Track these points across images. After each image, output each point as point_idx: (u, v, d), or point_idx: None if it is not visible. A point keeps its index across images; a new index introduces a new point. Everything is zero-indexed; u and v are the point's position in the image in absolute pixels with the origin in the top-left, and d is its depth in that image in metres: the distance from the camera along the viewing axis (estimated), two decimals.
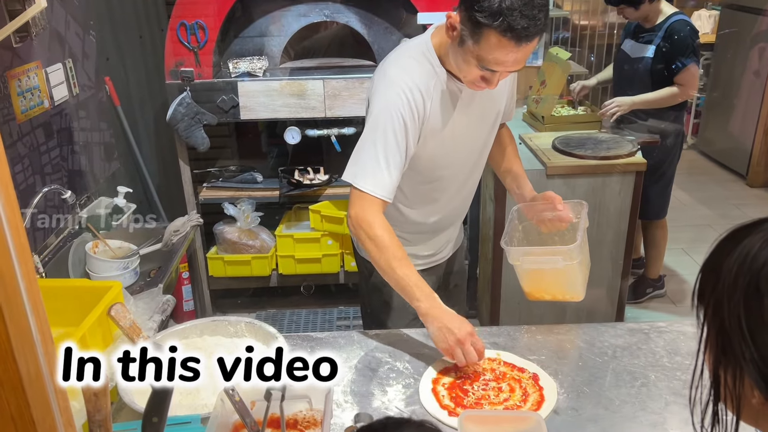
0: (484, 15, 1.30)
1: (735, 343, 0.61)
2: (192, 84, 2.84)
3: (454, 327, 1.41)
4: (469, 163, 1.69)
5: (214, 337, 1.48)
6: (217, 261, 3.17)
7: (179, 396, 1.32)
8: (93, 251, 2.16)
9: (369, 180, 1.47)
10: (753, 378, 0.60)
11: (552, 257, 1.57)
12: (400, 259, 1.47)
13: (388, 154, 1.46)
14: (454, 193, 1.72)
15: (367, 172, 1.48)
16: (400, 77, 1.48)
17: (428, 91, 1.49)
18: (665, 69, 2.98)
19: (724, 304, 0.63)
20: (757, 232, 0.63)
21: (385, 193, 1.48)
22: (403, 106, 1.46)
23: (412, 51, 1.54)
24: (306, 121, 2.98)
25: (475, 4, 1.31)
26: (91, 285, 1.56)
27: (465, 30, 1.36)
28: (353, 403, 1.40)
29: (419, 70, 1.49)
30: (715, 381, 0.66)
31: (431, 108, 1.51)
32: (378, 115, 1.48)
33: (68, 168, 2.36)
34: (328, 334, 1.65)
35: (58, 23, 2.34)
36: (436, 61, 1.51)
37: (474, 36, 1.35)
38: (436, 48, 1.51)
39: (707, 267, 0.67)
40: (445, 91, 1.52)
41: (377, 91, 1.51)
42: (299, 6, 3.01)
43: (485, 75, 1.42)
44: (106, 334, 1.40)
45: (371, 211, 1.48)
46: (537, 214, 1.68)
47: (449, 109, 1.54)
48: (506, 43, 1.32)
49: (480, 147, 1.68)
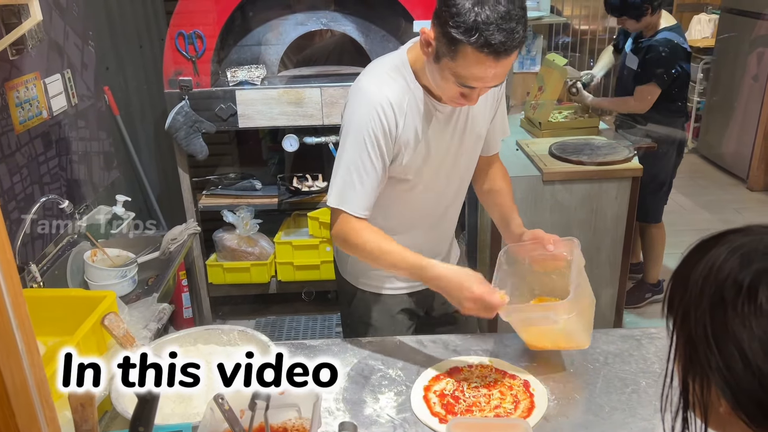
0: (459, 31, 1.25)
1: (701, 352, 0.62)
2: (190, 93, 2.86)
3: (464, 288, 1.39)
4: (452, 186, 1.65)
5: (207, 345, 1.49)
6: (216, 268, 3.18)
7: (172, 404, 1.34)
8: (91, 260, 2.18)
9: (343, 199, 1.48)
10: (719, 386, 0.61)
11: (545, 313, 1.45)
12: (388, 248, 1.47)
13: (362, 173, 1.46)
14: (437, 217, 1.69)
15: (342, 192, 1.48)
16: (372, 93, 1.45)
17: (401, 107, 1.45)
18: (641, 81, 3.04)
19: (691, 314, 0.64)
20: (722, 243, 0.64)
21: (365, 212, 1.49)
22: (374, 123, 1.44)
23: (386, 66, 1.50)
24: (304, 129, 3.00)
25: (449, 19, 1.26)
26: (85, 294, 1.58)
27: (441, 46, 1.31)
28: (345, 411, 1.41)
29: (392, 85, 1.46)
30: (683, 389, 0.67)
31: (404, 124, 1.47)
32: (350, 132, 1.46)
33: (67, 177, 2.39)
34: (322, 342, 1.66)
35: (57, 34, 2.36)
36: (410, 76, 1.47)
37: (450, 52, 1.30)
38: (412, 63, 1.47)
39: (675, 278, 0.69)
40: (419, 107, 1.48)
41: (350, 107, 1.49)
42: (297, 15, 3.04)
43: (464, 92, 1.37)
44: (100, 344, 1.41)
45: (351, 223, 1.49)
46: (528, 254, 1.59)
47: (424, 126, 1.50)
48: (484, 58, 1.27)
49: (461, 169, 1.64)
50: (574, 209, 2.74)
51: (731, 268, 0.62)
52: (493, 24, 1.24)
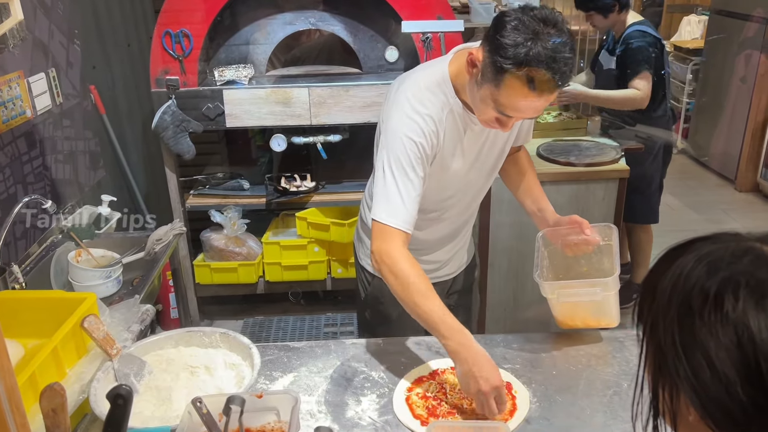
0: (508, 62, 1.26)
1: (670, 361, 0.62)
2: (177, 92, 2.84)
3: (481, 377, 1.31)
4: (476, 186, 1.68)
5: (189, 348, 1.48)
6: (203, 268, 3.17)
7: (152, 406, 1.33)
8: (76, 260, 2.16)
9: (387, 212, 1.44)
10: (687, 395, 0.61)
11: (590, 289, 1.52)
12: (424, 294, 1.39)
13: (406, 185, 1.44)
14: (458, 213, 1.71)
15: (386, 204, 1.45)
16: (413, 106, 1.46)
17: (441, 121, 1.47)
18: (624, 79, 3.01)
19: (659, 323, 0.64)
20: (690, 252, 0.64)
21: (410, 226, 1.45)
22: (419, 137, 1.44)
23: (428, 80, 1.50)
24: (292, 129, 2.99)
25: (500, 49, 1.27)
26: (65, 296, 1.57)
27: (487, 71, 1.32)
28: (327, 413, 1.40)
29: (434, 100, 1.47)
30: (654, 397, 0.67)
31: (444, 138, 1.49)
32: (392, 144, 1.45)
33: (51, 177, 2.37)
34: (306, 344, 1.66)
35: (41, 33, 2.34)
36: (450, 91, 1.48)
37: (495, 80, 1.30)
38: (453, 77, 1.48)
39: (645, 286, 0.69)
40: (457, 121, 1.49)
41: (392, 118, 1.48)
42: (285, 14, 3.02)
43: (501, 118, 1.38)
44: (80, 346, 1.40)
45: (394, 244, 1.43)
46: (562, 238, 1.62)
47: (460, 137, 1.52)
48: (528, 93, 1.29)
49: (488, 171, 1.66)
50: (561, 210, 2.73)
51: (698, 277, 0.62)
52: (544, 62, 1.25)
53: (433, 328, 1.38)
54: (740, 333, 0.57)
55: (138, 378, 1.37)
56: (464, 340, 1.35)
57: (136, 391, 1.35)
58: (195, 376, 1.41)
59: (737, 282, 0.59)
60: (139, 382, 1.37)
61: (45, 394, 0.87)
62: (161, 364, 1.43)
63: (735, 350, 0.57)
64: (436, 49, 2.83)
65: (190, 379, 1.40)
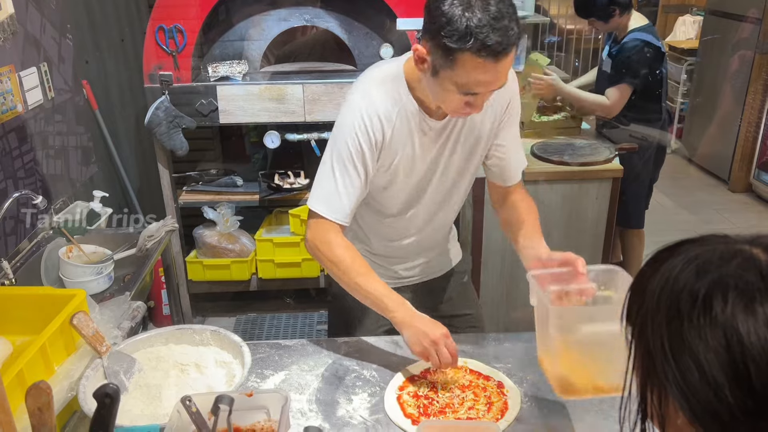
0: (453, 39, 1.22)
1: (658, 364, 0.62)
2: (171, 88, 2.83)
3: (428, 330, 1.40)
4: (440, 194, 1.62)
5: (179, 345, 1.47)
6: (196, 265, 3.16)
7: (141, 405, 1.32)
8: (67, 256, 2.15)
9: (324, 203, 1.47)
10: (676, 398, 0.61)
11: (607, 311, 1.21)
12: (364, 275, 1.46)
13: (345, 179, 1.45)
14: (424, 222, 1.66)
15: (323, 196, 1.47)
16: (360, 102, 1.45)
17: (389, 118, 1.44)
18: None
19: (648, 326, 0.64)
20: (678, 254, 0.64)
21: (341, 216, 1.47)
22: (360, 131, 1.43)
23: (379, 75, 1.49)
24: (286, 126, 2.98)
25: (441, 30, 1.24)
26: (54, 293, 1.55)
27: (436, 59, 1.28)
28: (318, 412, 1.40)
29: (384, 96, 1.45)
30: (642, 400, 0.67)
31: (391, 135, 1.46)
32: (336, 138, 1.46)
33: (42, 172, 2.35)
34: (297, 342, 1.65)
35: (33, 27, 2.33)
36: (404, 88, 1.45)
37: (448, 63, 1.27)
38: (407, 75, 1.45)
39: (633, 289, 0.68)
40: (410, 120, 1.47)
41: (340, 114, 1.48)
42: (279, 10, 3.01)
43: (468, 100, 1.33)
44: (69, 343, 1.39)
45: (330, 234, 1.47)
46: (551, 282, 1.36)
47: (412, 138, 1.49)
48: (482, 62, 1.24)
49: (452, 179, 1.60)
50: (554, 209, 2.75)
51: (687, 279, 0.61)
52: (486, 26, 1.21)
53: (378, 304, 1.45)
54: (729, 336, 0.57)
55: (127, 375, 1.36)
56: (410, 310, 1.44)
57: (126, 388, 1.34)
58: (185, 374, 1.40)
59: (726, 284, 0.59)
60: (128, 379, 1.36)
61: (31, 392, 0.86)
62: (151, 361, 1.42)
63: (724, 353, 0.57)
64: None
65: (180, 377, 1.40)
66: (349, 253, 1.47)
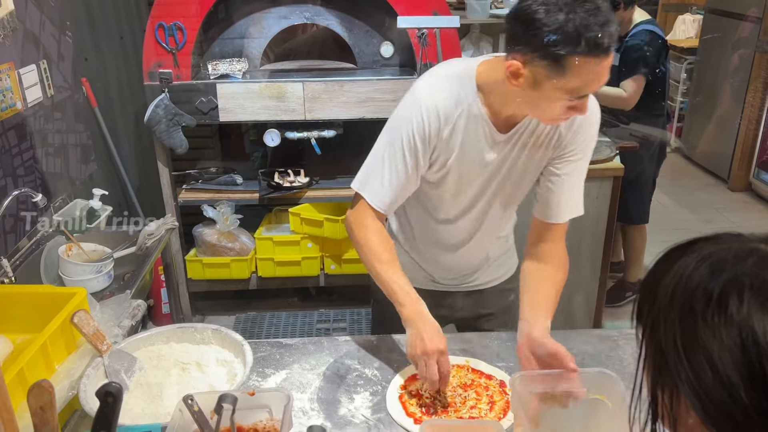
0: (562, 46, 1.19)
1: (671, 363, 0.61)
2: (170, 86, 2.82)
3: (427, 337, 1.34)
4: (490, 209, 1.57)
5: (180, 344, 1.46)
6: (195, 263, 3.15)
7: (142, 404, 1.31)
8: (66, 254, 2.14)
9: (367, 188, 1.46)
10: (689, 398, 0.60)
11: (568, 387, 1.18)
12: (386, 263, 1.44)
13: (393, 168, 1.43)
14: (464, 237, 1.62)
15: (369, 180, 1.46)
16: (423, 94, 1.41)
17: (449, 116, 1.40)
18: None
19: (660, 324, 0.63)
20: (691, 252, 0.63)
21: (382, 205, 1.45)
22: (416, 124, 1.40)
23: (450, 72, 1.44)
24: (286, 124, 2.97)
25: (545, 39, 1.19)
26: (55, 291, 1.55)
27: (539, 70, 1.23)
28: (319, 411, 1.39)
29: (446, 93, 1.40)
30: (652, 400, 0.66)
31: (449, 134, 1.42)
32: (393, 126, 1.44)
33: (42, 170, 2.34)
34: (298, 341, 1.64)
35: (33, 24, 2.32)
36: (472, 91, 1.40)
37: (556, 71, 1.22)
38: (481, 79, 1.40)
39: (644, 286, 0.68)
40: (472, 123, 1.41)
41: (402, 102, 1.45)
42: (280, 8, 3.00)
43: (575, 104, 1.28)
44: (69, 342, 1.38)
45: (367, 217, 1.46)
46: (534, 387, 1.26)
47: (473, 144, 1.44)
48: (594, 61, 1.21)
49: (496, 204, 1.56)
50: None
51: (701, 278, 0.61)
52: (593, 24, 1.18)
53: (391, 295, 1.41)
54: (744, 335, 0.56)
55: (129, 374, 1.36)
56: (419, 308, 1.39)
57: (127, 387, 1.33)
58: (186, 373, 1.39)
59: (741, 283, 0.58)
60: (129, 378, 1.35)
61: (33, 391, 0.86)
62: (152, 360, 1.42)
63: (738, 353, 0.56)
64: (432, 45, 2.82)
65: (181, 376, 1.39)
66: (379, 239, 1.46)
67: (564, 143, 1.46)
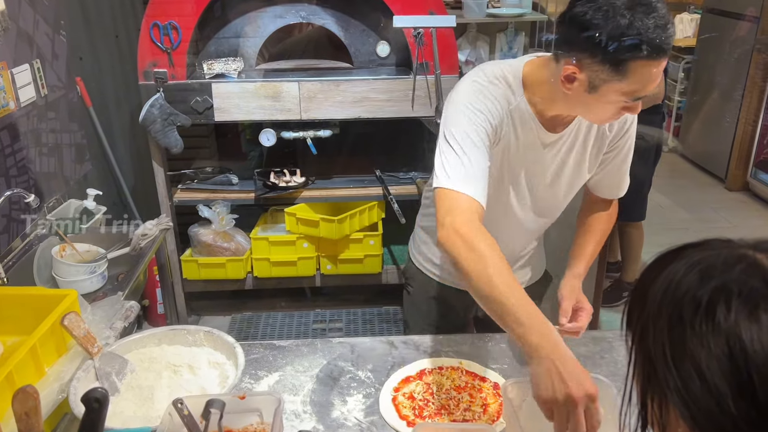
0: (624, 50, 1.17)
1: (660, 372, 0.60)
2: (165, 85, 2.81)
3: (571, 379, 1.03)
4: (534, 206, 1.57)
5: (172, 346, 1.45)
6: (191, 263, 3.14)
7: (133, 406, 1.31)
8: (60, 255, 2.13)
9: (458, 179, 1.28)
10: (677, 407, 0.60)
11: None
12: (502, 272, 1.16)
13: (476, 154, 1.31)
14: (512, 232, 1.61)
15: (453, 172, 1.30)
16: (486, 82, 1.38)
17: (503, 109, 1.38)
18: None
19: (649, 332, 0.62)
20: (681, 258, 0.63)
21: (477, 194, 1.28)
22: (487, 109, 1.35)
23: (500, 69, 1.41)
24: (281, 123, 2.96)
25: (604, 44, 1.18)
26: (46, 293, 1.54)
27: (598, 74, 1.22)
28: (312, 413, 1.38)
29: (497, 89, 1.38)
30: (642, 408, 0.65)
31: (499, 124, 1.38)
32: (459, 117, 1.35)
33: (35, 170, 2.33)
34: (292, 342, 1.64)
35: (26, 24, 2.30)
36: (519, 89, 1.39)
37: (617, 75, 1.20)
38: (528, 78, 1.39)
39: (634, 293, 0.67)
40: (519, 121, 1.41)
41: (458, 90, 1.39)
42: (275, 7, 2.99)
43: (632, 105, 1.28)
44: (60, 344, 1.37)
45: (468, 216, 1.25)
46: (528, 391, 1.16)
47: (519, 140, 1.42)
48: (654, 63, 1.20)
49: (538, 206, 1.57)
50: None
51: (690, 285, 0.60)
52: (652, 27, 1.16)
53: (508, 313, 1.11)
54: (732, 344, 0.55)
55: (119, 377, 1.35)
56: (548, 331, 1.09)
57: (118, 390, 1.32)
58: (178, 375, 1.39)
59: (729, 291, 0.57)
60: (120, 380, 1.34)
61: (17, 396, 0.85)
62: (144, 362, 1.41)
63: (726, 361, 0.56)
64: (428, 45, 2.81)
65: (172, 378, 1.38)
66: (490, 248, 1.20)
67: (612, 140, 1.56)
